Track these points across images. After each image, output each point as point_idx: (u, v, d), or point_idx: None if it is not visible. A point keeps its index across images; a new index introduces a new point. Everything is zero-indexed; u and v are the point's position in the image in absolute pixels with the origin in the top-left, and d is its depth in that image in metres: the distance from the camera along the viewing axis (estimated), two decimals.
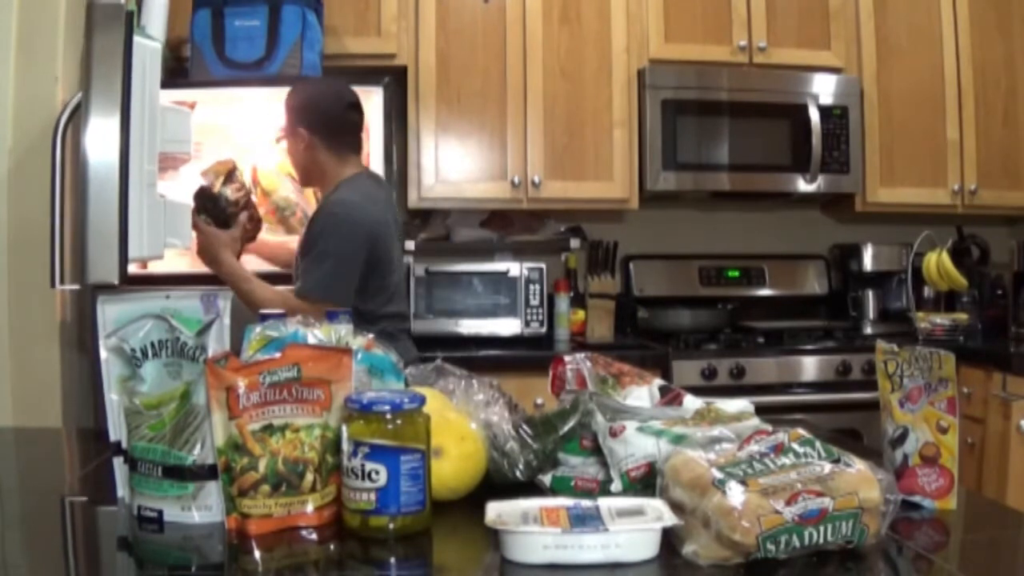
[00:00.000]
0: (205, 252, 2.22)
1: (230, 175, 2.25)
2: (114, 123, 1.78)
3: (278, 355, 1.03)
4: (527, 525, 0.91)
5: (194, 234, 2.17)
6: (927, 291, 3.30)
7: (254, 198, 2.39)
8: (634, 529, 0.89)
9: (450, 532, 1.05)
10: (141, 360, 1.07)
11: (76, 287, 1.96)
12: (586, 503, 0.96)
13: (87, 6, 1.49)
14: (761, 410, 1.19)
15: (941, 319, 3.11)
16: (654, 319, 3.27)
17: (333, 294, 2.08)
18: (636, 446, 1.07)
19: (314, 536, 1.00)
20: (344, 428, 0.99)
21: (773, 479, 0.90)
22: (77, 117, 2.65)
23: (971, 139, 3.29)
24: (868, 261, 3.40)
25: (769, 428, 1.03)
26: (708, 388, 2.77)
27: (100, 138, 1.83)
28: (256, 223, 2.32)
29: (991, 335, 3.25)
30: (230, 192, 2.23)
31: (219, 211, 2.23)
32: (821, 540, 0.88)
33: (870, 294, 3.40)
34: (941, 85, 3.28)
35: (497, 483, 1.13)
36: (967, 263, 3.22)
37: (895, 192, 3.27)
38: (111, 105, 1.77)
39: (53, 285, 1.93)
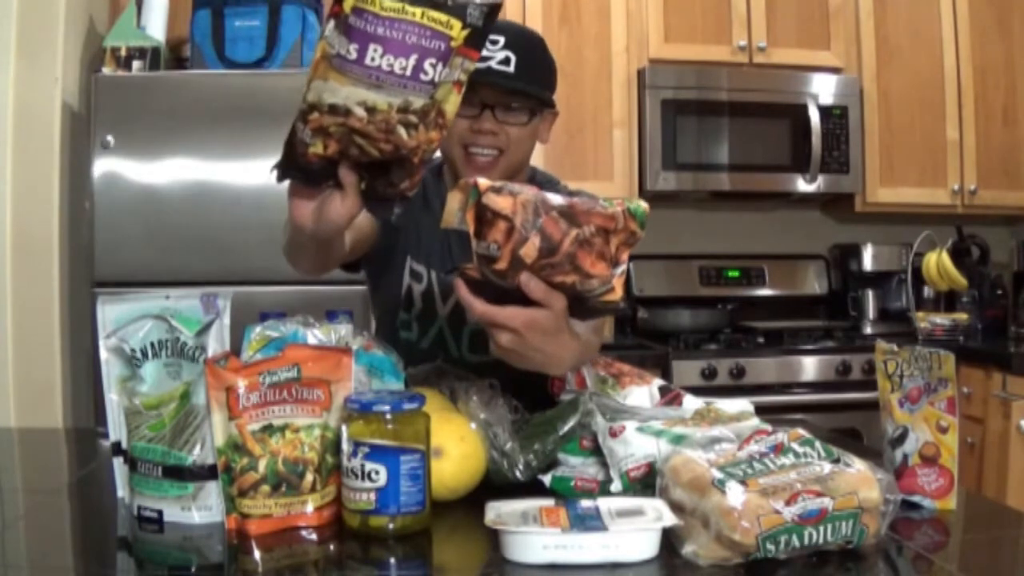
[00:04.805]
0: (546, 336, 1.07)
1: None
2: None
3: (278, 355, 1.03)
4: (527, 525, 0.91)
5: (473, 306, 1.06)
6: (927, 291, 3.30)
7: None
8: (634, 529, 0.89)
9: (450, 532, 1.05)
10: (141, 360, 1.07)
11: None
12: (586, 503, 0.96)
13: None
14: (761, 410, 1.19)
15: (941, 319, 3.11)
16: (654, 319, 3.27)
17: None
18: (636, 446, 1.07)
19: (314, 536, 1.00)
20: (344, 428, 0.99)
21: (773, 479, 0.90)
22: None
23: (971, 139, 3.29)
24: (868, 261, 3.40)
25: (769, 428, 1.03)
26: (708, 388, 2.77)
27: None
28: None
29: (991, 335, 3.25)
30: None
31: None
32: (821, 540, 0.88)
33: (870, 294, 3.40)
34: (941, 85, 3.28)
35: (497, 483, 1.13)
36: (967, 263, 3.22)
37: (895, 192, 3.27)
38: None
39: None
